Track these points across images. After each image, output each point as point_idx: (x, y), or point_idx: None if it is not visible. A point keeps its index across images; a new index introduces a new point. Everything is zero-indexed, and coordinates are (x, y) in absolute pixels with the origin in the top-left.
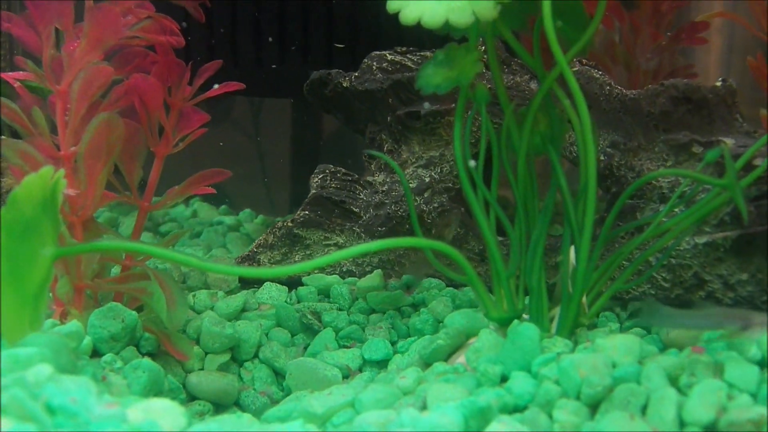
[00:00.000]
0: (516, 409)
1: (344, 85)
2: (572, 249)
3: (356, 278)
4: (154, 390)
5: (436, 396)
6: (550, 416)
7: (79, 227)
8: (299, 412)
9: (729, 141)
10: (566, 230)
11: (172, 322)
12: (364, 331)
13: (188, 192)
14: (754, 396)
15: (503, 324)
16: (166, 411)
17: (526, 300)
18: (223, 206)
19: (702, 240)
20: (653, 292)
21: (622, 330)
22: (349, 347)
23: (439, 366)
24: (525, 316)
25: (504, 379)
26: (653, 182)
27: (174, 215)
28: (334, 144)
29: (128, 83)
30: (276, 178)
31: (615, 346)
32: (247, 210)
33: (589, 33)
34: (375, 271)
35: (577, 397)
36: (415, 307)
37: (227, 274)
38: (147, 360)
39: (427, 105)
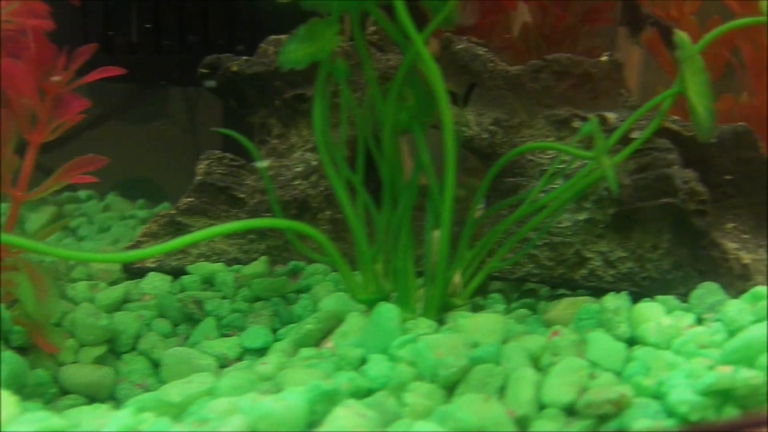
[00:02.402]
0: (371, 393)
1: (233, 69)
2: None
3: (242, 265)
4: (16, 384)
5: (292, 381)
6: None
7: None
8: (156, 401)
9: (612, 115)
10: (429, 208)
11: (41, 314)
12: (246, 319)
13: (63, 181)
14: (618, 374)
15: (371, 306)
16: None
17: None
18: (141, 200)
19: (582, 216)
20: (537, 272)
21: (510, 311)
22: (230, 336)
23: (305, 351)
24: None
25: (365, 362)
26: (534, 159)
27: (85, 209)
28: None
29: None
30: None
31: (477, 325)
32: (166, 203)
33: (450, 4)
34: (260, 258)
35: (433, 380)
36: (301, 293)
37: (85, 260)
38: (9, 352)
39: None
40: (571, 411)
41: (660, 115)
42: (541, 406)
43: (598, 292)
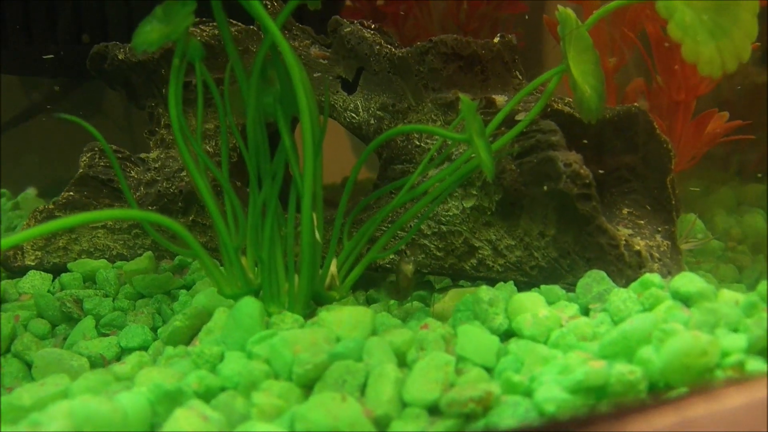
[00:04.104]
0: (224, 392)
1: (120, 57)
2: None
3: (126, 262)
4: None
5: (144, 380)
6: None
7: None
8: (6, 405)
9: (501, 98)
10: (292, 197)
11: None
12: (127, 317)
13: None
14: (490, 370)
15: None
16: None
17: None
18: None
19: (469, 204)
20: (428, 263)
21: (402, 304)
22: (110, 335)
23: (169, 349)
24: None
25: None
26: (422, 145)
27: None
28: None
29: None
30: None
31: (340, 319)
32: None
33: None
34: (145, 254)
35: (290, 378)
36: (188, 289)
37: None
38: None
39: None
40: (434, 410)
41: (545, 96)
42: (404, 405)
43: (492, 282)
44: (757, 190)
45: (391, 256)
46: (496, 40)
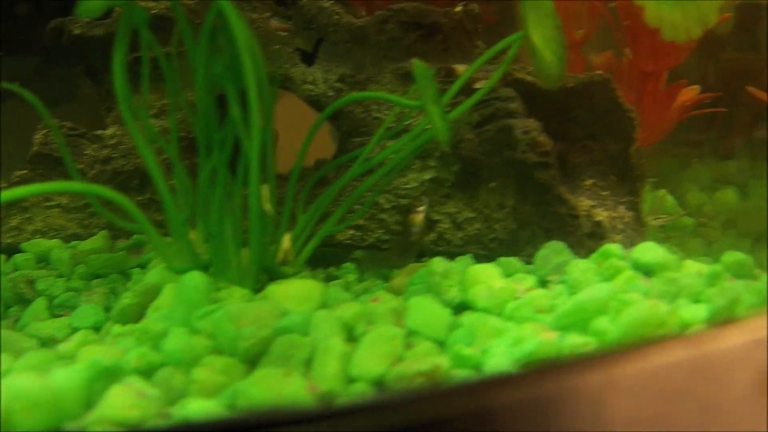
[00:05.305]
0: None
1: (76, 32)
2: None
3: (81, 241)
4: None
5: (86, 358)
6: None
7: None
8: None
9: (461, 67)
10: (241, 167)
11: None
12: (81, 297)
13: None
14: (441, 343)
15: None
16: None
17: None
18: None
19: (428, 176)
20: (387, 237)
21: (362, 280)
22: (63, 316)
23: (117, 327)
24: None
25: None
26: (381, 117)
27: None
28: None
29: None
30: None
31: (288, 293)
32: None
33: None
34: (100, 233)
35: (233, 353)
36: (145, 268)
37: None
38: None
39: None
40: (382, 385)
41: (506, 63)
42: (350, 380)
43: (452, 257)
44: (732, 168)
45: (350, 233)
46: (458, 9)
